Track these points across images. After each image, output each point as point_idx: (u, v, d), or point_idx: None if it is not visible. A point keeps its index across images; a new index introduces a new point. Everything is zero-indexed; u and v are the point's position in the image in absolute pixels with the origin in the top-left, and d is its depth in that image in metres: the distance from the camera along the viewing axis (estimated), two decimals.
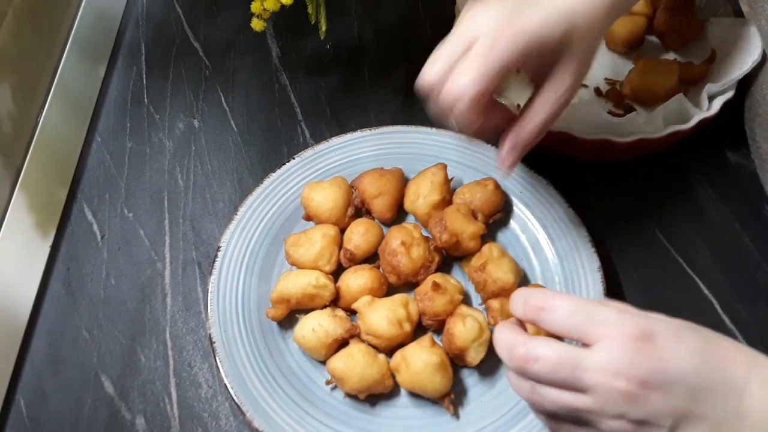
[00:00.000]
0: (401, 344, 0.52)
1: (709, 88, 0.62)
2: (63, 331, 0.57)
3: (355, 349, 0.51)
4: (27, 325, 0.57)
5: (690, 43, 0.70)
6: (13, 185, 0.59)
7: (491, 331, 0.51)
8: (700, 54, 0.70)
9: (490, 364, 0.52)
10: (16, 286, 0.57)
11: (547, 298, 0.38)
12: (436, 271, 0.55)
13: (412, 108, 0.70)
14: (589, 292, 0.53)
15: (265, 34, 0.77)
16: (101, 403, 0.53)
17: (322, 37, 0.61)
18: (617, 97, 0.68)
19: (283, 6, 0.57)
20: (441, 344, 0.51)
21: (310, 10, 0.62)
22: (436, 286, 0.52)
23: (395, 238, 0.55)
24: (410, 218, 0.60)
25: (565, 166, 0.64)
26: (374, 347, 0.52)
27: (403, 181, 0.60)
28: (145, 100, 0.73)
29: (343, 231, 0.58)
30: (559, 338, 0.38)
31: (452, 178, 0.60)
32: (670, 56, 0.71)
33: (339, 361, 0.50)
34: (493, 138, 0.53)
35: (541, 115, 0.45)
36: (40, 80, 0.66)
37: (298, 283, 0.53)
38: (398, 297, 0.53)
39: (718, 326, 0.55)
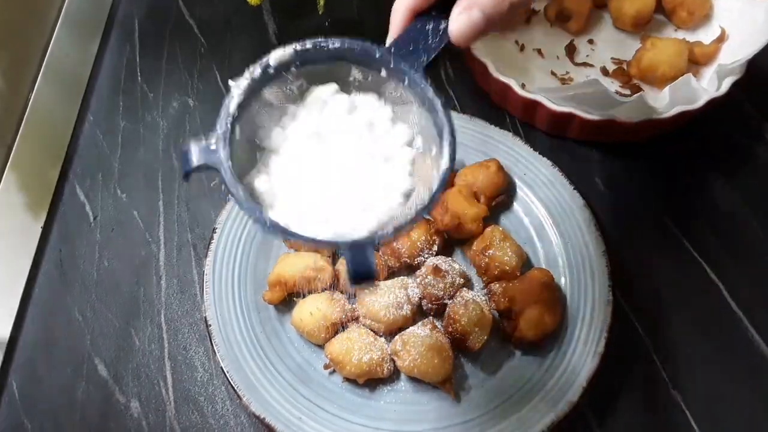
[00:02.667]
0: (401, 328, 0.51)
1: (719, 68, 0.60)
2: (56, 313, 0.56)
3: (353, 332, 0.50)
4: (19, 308, 0.56)
5: (699, 21, 0.69)
6: (3, 165, 0.58)
7: (493, 316, 0.50)
8: (710, 33, 0.68)
9: (492, 349, 0.51)
10: (8, 268, 0.56)
11: None
12: (437, 254, 0.54)
13: None
14: (594, 276, 0.52)
15: (262, 11, 0.75)
16: (95, 386, 0.52)
17: (320, 12, 0.59)
18: (624, 76, 0.66)
19: None
20: (442, 329, 0.50)
21: None
22: (436, 270, 0.51)
23: None
24: None
25: (570, 147, 0.63)
26: (373, 331, 0.51)
27: None
28: (139, 78, 0.71)
29: None
30: None
31: None
32: (679, 35, 0.69)
33: (337, 345, 0.49)
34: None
35: None
36: (31, 57, 0.65)
37: (296, 265, 0.52)
38: (398, 280, 0.52)
39: (725, 311, 0.54)
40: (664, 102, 0.59)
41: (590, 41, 0.70)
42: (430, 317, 0.51)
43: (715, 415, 0.49)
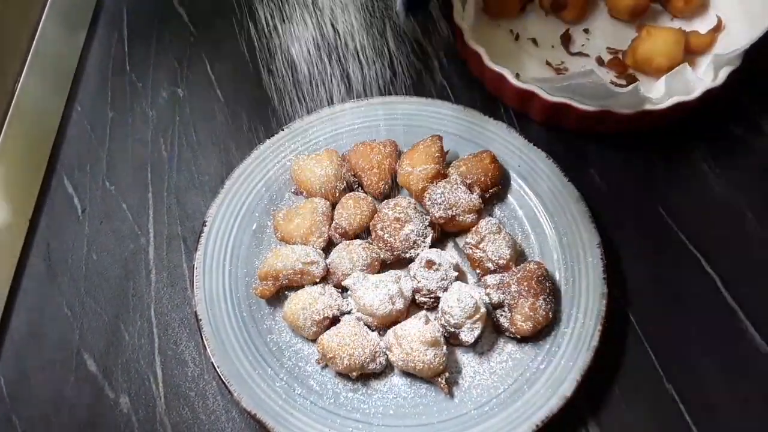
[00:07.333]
0: (394, 322, 0.50)
1: (715, 58, 0.59)
2: (44, 308, 0.55)
3: (346, 327, 0.49)
4: (6, 302, 0.55)
5: (695, 10, 0.68)
6: None
7: (487, 309, 0.50)
8: (706, 22, 0.67)
9: (486, 343, 0.50)
10: None
11: None
12: (431, 247, 0.53)
13: (407, 78, 0.68)
14: (589, 269, 0.52)
15: None
16: (84, 381, 0.52)
17: None
18: (620, 66, 0.65)
19: None
20: (435, 322, 0.49)
21: None
22: (430, 263, 0.50)
23: (388, 213, 0.53)
24: (404, 192, 0.58)
25: (565, 139, 0.62)
26: (366, 325, 0.50)
27: (397, 154, 0.58)
28: (127, 68, 0.70)
29: (334, 205, 0.56)
30: None
31: (448, 151, 0.57)
32: (675, 24, 0.68)
33: (329, 339, 0.48)
34: None
35: None
36: (16, 47, 0.63)
37: (287, 259, 0.51)
38: (391, 274, 0.51)
39: (720, 304, 0.53)
40: (660, 92, 0.59)
41: (586, 30, 0.69)
42: (424, 311, 0.51)
43: (709, 408, 0.49)
